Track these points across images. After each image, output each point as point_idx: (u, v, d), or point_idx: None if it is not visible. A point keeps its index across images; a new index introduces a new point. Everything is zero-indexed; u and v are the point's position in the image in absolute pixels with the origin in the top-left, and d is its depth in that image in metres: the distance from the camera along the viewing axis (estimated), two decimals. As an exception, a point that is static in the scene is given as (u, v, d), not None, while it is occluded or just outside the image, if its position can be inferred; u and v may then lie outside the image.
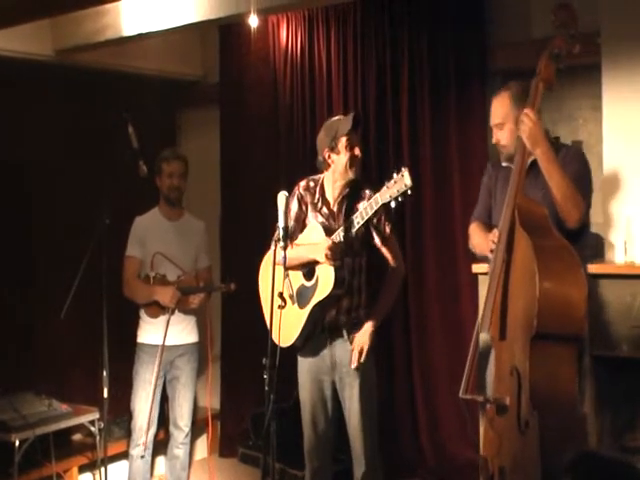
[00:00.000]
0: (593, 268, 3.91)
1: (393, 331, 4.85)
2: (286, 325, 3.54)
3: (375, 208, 3.42)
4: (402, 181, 3.29)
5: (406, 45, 4.76)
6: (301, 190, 3.79)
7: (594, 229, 4.24)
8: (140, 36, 4.83)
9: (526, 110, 3.07)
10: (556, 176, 3.06)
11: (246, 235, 5.42)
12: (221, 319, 5.69)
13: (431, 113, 4.71)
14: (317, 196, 3.77)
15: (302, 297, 3.68)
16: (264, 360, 3.22)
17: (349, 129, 3.60)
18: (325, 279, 3.59)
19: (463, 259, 4.51)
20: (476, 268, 3.89)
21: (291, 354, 3.83)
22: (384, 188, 3.35)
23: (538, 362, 2.79)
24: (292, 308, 3.68)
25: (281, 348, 3.35)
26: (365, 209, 3.48)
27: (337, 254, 3.53)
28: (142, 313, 4.50)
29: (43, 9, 4.13)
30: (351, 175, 3.68)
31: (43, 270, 5.14)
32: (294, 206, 3.76)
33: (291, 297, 3.70)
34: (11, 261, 5.00)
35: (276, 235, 3.40)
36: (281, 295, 3.29)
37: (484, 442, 3.07)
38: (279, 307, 3.28)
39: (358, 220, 3.51)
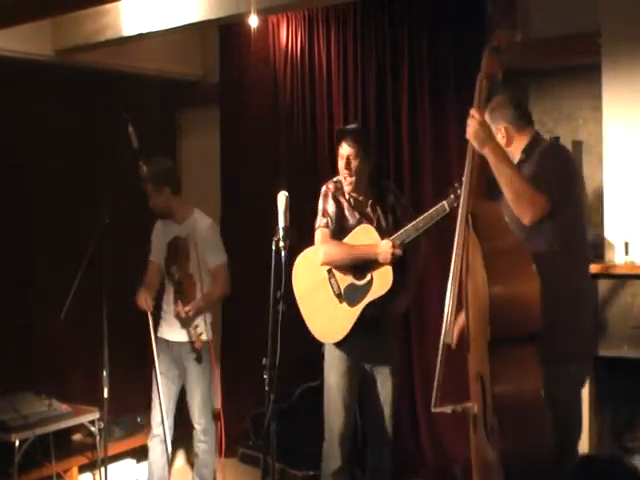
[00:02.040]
0: (593, 268, 3.92)
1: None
2: (332, 322, 3.75)
3: (442, 215, 3.60)
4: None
5: (406, 45, 4.76)
6: (334, 191, 3.85)
7: (594, 229, 4.25)
8: (140, 36, 4.83)
9: (472, 111, 3.00)
10: (506, 174, 2.96)
11: (246, 235, 5.42)
12: (221, 319, 5.68)
13: (431, 113, 4.71)
14: (347, 196, 3.85)
15: (352, 295, 3.76)
16: (264, 360, 3.22)
17: (339, 139, 3.77)
18: (383, 278, 3.68)
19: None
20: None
21: (292, 354, 3.83)
22: (452, 197, 3.55)
23: (499, 366, 2.72)
24: (340, 306, 3.78)
25: (281, 348, 3.35)
26: (426, 217, 3.63)
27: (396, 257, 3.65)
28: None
29: (43, 9, 4.13)
30: (345, 183, 3.79)
31: (43, 270, 5.15)
32: (331, 206, 3.83)
33: (339, 296, 3.80)
34: (11, 261, 5.00)
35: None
36: (281, 296, 3.29)
37: (471, 452, 3.05)
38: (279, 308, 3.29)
39: (420, 225, 3.65)
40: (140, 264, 4.61)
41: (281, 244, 3.28)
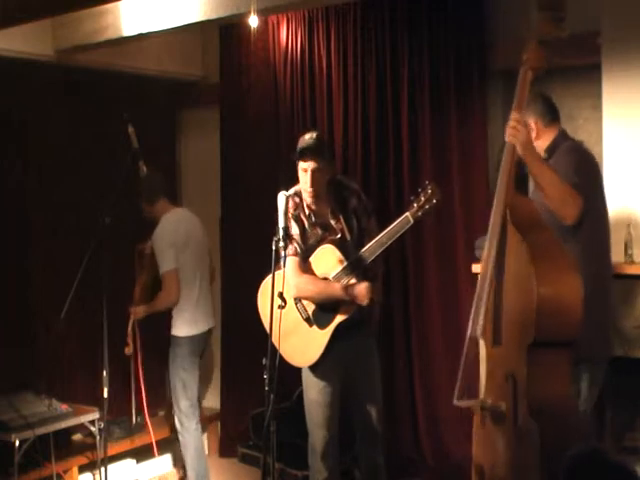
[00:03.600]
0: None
1: (393, 331, 4.85)
2: (305, 347, 3.67)
3: (406, 227, 3.46)
4: (432, 197, 3.39)
5: (406, 45, 4.76)
6: (293, 211, 3.69)
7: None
8: (140, 36, 4.82)
9: (514, 114, 2.90)
10: (548, 176, 2.96)
11: (246, 235, 5.42)
12: (221, 319, 5.68)
13: (431, 113, 4.71)
14: (307, 211, 3.75)
15: (321, 318, 3.69)
16: (264, 360, 3.22)
17: (296, 159, 3.63)
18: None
19: (463, 259, 4.51)
20: (476, 268, 3.88)
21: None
22: (414, 206, 3.42)
23: (535, 368, 2.70)
24: (310, 330, 3.71)
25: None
26: (390, 231, 3.47)
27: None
28: None
29: (44, 9, 4.12)
30: (309, 200, 3.68)
31: (43, 270, 5.14)
32: (294, 229, 3.69)
33: (307, 320, 3.73)
34: (11, 261, 5.00)
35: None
36: (281, 295, 3.28)
37: (477, 450, 3.02)
38: (279, 307, 3.28)
39: (384, 240, 3.50)
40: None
41: (281, 244, 3.28)
